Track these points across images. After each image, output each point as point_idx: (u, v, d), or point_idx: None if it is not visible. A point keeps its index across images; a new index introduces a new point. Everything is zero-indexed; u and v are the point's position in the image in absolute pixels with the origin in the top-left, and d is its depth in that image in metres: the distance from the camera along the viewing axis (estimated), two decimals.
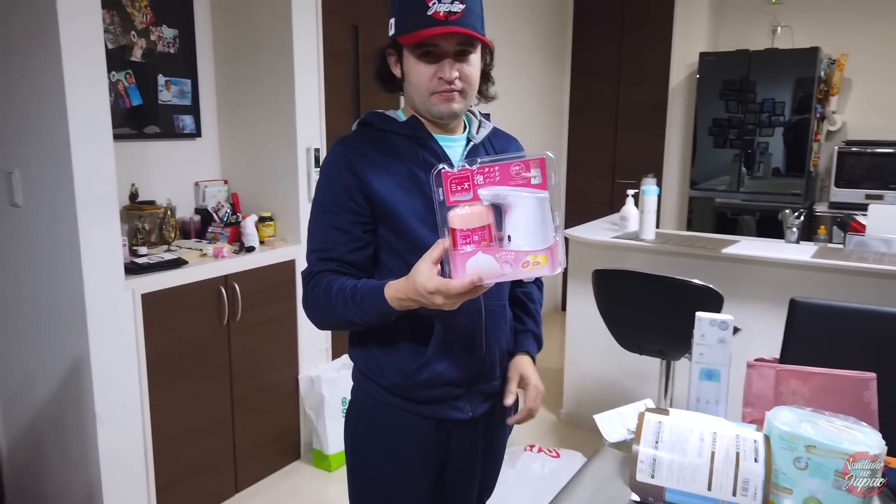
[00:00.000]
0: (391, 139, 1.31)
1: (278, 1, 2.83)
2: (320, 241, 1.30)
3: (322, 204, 1.30)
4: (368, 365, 1.37)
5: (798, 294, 1.73)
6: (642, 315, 2.46)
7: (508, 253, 1.07)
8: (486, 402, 1.42)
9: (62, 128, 2.08)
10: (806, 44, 4.43)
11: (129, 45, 2.67)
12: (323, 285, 1.26)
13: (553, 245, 1.08)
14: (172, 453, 2.52)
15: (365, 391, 1.39)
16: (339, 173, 1.27)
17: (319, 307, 1.28)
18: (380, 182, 1.26)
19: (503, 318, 1.41)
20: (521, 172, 1.06)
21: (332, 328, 1.35)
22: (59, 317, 2.25)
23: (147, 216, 2.71)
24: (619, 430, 1.53)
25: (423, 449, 1.37)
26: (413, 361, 1.31)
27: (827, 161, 4.55)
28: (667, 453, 1.21)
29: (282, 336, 2.94)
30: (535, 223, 1.07)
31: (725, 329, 1.47)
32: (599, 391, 3.44)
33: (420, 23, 1.20)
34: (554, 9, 5.00)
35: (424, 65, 1.25)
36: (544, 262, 1.07)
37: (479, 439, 1.45)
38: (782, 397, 1.47)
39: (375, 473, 1.39)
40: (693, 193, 4.60)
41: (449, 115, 1.29)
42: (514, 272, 1.07)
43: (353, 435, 1.41)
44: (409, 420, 1.35)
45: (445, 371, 1.32)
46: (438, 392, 1.34)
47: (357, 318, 1.23)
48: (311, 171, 2.97)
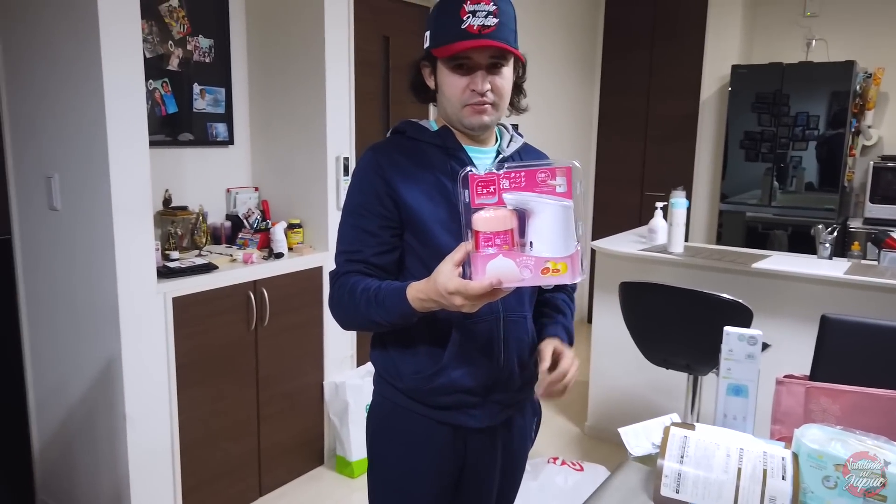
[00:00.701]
0: (422, 148, 1.35)
1: (312, 12, 2.88)
2: (348, 243, 1.32)
3: (353, 207, 1.33)
4: (387, 368, 1.39)
5: (830, 311, 1.70)
6: (669, 329, 2.44)
7: (529, 258, 1.07)
8: (505, 411, 1.42)
9: (101, 134, 2.14)
10: (841, 57, 4.37)
11: (166, 54, 2.74)
12: (349, 285, 1.29)
13: (574, 254, 1.08)
14: (199, 456, 2.55)
15: (384, 395, 1.41)
16: (370, 178, 1.31)
17: (344, 306, 1.30)
18: (407, 189, 1.29)
19: (524, 329, 1.41)
20: (547, 180, 1.06)
21: (356, 328, 1.36)
22: (93, 319, 2.31)
23: (180, 221, 2.77)
24: (644, 444, 1.51)
25: (438, 454, 1.38)
26: (429, 367, 1.33)
27: (862, 176, 4.47)
28: (692, 468, 1.20)
29: (308, 342, 2.97)
30: (557, 231, 1.07)
31: (754, 344, 1.45)
32: (624, 405, 3.40)
33: (454, 36, 1.24)
34: (584, 20, 5.00)
35: (458, 77, 1.28)
36: (564, 269, 1.07)
37: (497, 449, 1.45)
38: (812, 415, 1.44)
39: (392, 476, 1.41)
40: (723, 207, 4.55)
41: (480, 127, 1.32)
42: (534, 278, 1.07)
43: (372, 437, 1.44)
44: (425, 425, 1.37)
45: (461, 378, 1.33)
46: (453, 399, 1.35)
47: (379, 317, 1.25)
48: (341, 180, 3.00)
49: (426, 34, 1.31)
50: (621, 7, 5.06)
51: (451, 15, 1.25)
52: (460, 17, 1.23)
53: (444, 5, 1.28)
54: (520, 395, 1.44)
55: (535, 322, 1.45)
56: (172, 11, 2.74)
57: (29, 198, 2.44)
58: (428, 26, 1.31)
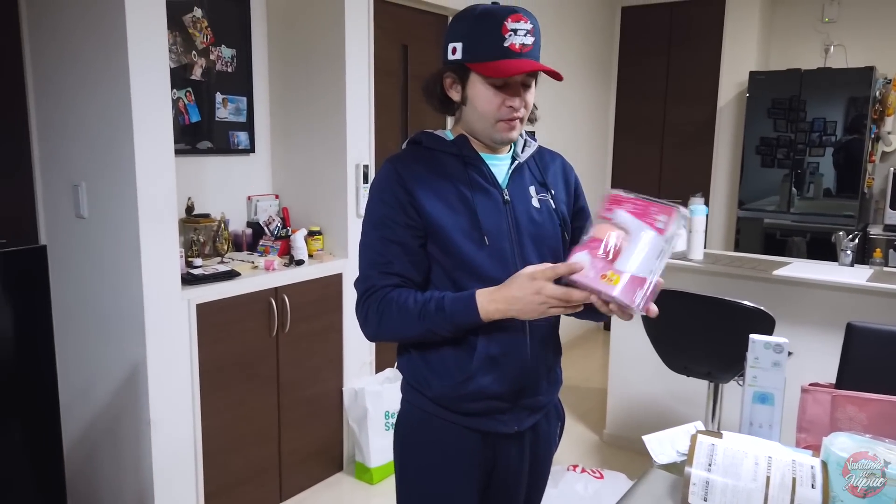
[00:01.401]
0: (439, 158, 1.36)
1: (333, 22, 2.91)
2: (379, 255, 1.31)
3: (377, 220, 1.32)
4: (416, 376, 1.39)
5: (852, 319, 1.70)
6: (690, 336, 2.43)
7: (601, 262, 1.14)
8: (532, 416, 1.44)
9: (128, 143, 2.17)
10: (860, 63, 4.35)
11: (189, 64, 2.78)
12: (395, 298, 1.28)
13: (639, 279, 1.12)
14: (221, 461, 2.58)
15: (413, 403, 1.41)
16: (392, 189, 1.31)
17: (391, 319, 1.28)
18: (428, 199, 1.30)
19: (550, 335, 1.43)
20: (655, 214, 1.16)
21: (396, 340, 1.36)
22: (118, 324, 2.34)
23: (202, 229, 2.80)
24: (669, 451, 1.51)
25: (469, 461, 1.39)
26: (458, 374, 1.33)
27: (882, 182, 4.44)
28: (720, 476, 1.20)
29: (328, 348, 2.99)
30: (640, 256, 1.14)
31: (780, 352, 1.45)
32: (643, 413, 3.39)
33: (498, 53, 1.25)
34: (601, 26, 5.01)
35: (494, 92, 1.28)
36: (617, 280, 1.12)
37: (525, 453, 1.46)
38: (838, 423, 1.44)
39: (423, 484, 1.41)
40: (741, 213, 4.53)
41: (509, 141, 1.35)
42: (594, 279, 1.13)
43: (401, 446, 1.44)
44: (455, 432, 1.37)
45: (489, 385, 1.34)
46: (483, 405, 1.36)
47: (439, 328, 1.26)
48: (360, 187, 3.03)
49: (454, 45, 1.30)
50: (638, 13, 5.07)
51: (492, 31, 1.25)
52: (502, 35, 1.24)
53: (482, 20, 1.26)
54: (546, 399, 1.45)
55: None
56: (196, 22, 2.78)
57: (56, 206, 2.48)
58: (457, 37, 1.30)
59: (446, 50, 1.32)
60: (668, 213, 1.15)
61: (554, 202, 1.43)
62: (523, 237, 1.36)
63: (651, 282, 1.12)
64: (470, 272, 1.31)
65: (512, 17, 1.25)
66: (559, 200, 1.44)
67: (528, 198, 1.40)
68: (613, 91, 5.25)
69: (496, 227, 1.33)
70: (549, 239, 1.41)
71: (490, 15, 1.26)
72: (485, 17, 1.27)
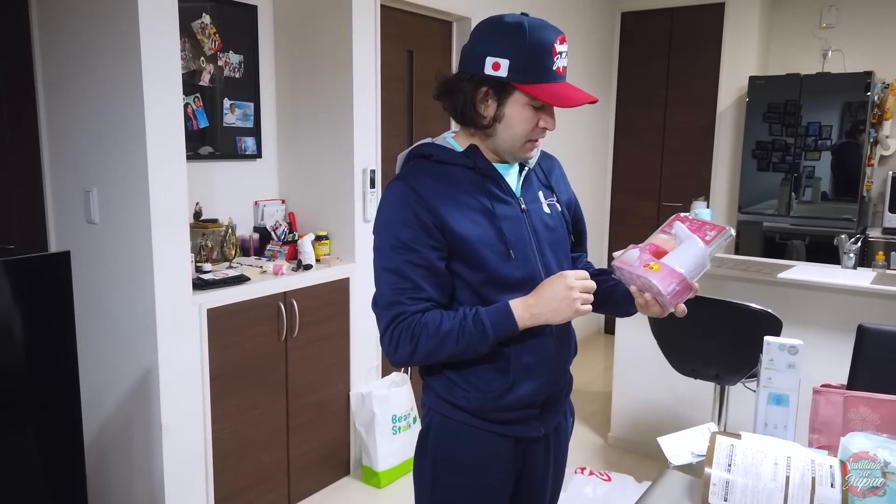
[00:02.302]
0: (451, 171, 1.32)
1: (340, 28, 2.93)
2: (406, 280, 1.27)
3: (399, 244, 1.26)
4: (452, 392, 1.37)
5: (858, 321, 1.72)
6: (698, 339, 2.45)
7: (647, 255, 1.31)
8: (556, 418, 1.48)
9: (140, 149, 2.19)
10: (857, 68, 4.39)
11: (198, 70, 2.79)
12: (429, 322, 1.27)
13: (676, 272, 1.26)
14: (231, 465, 2.58)
15: (446, 414, 1.39)
16: (412, 210, 1.26)
17: (426, 345, 1.26)
18: (452, 216, 1.27)
19: (569, 336, 1.47)
20: (707, 230, 1.31)
21: (428, 363, 1.34)
22: (130, 329, 2.35)
23: (210, 234, 2.81)
24: (684, 453, 1.53)
25: (502, 466, 1.40)
26: (496, 386, 1.34)
27: (880, 186, 4.48)
28: (740, 477, 1.22)
29: (335, 353, 3.00)
30: (682, 257, 1.29)
31: (795, 354, 1.47)
32: (648, 416, 3.41)
33: (548, 77, 1.26)
34: (601, 32, 5.04)
35: (532, 113, 1.29)
36: (657, 269, 1.27)
37: (550, 454, 1.49)
38: (851, 424, 1.45)
39: (456, 491, 1.40)
40: (741, 217, 4.56)
41: (529, 158, 1.38)
42: (637, 267, 1.29)
43: (433, 457, 1.41)
44: (489, 439, 1.38)
45: (526, 394, 1.36)
46: (519, 414, 1.38)
47: (480, 344, 1.27)
48: (367, 192, 3.04)
49: (497, 61, 1.24)
50: (638, 19, 5.10)
51: (543, 54, 1.24)
52: (552, 58, 1.25)
53: (535, 41, 1.24)
54: (566, 400, 1.51)
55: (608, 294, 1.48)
56: (204, 28, 2.79)
57: (66, 211, 2.49)
58: (500, 53, 1.24)
59: (481, 62, 1.26)
60: (718, 230, 1.30)
61: (559, 205, 1.46)
62: (543, 245, 1.38)
63: (686, 278, 1.26)
64: (498, 286, 1.31)
65: (560, 39, 1.26)
66: (562, 202, 1.47)
67: (540, 204, 1.41)
68: (614, 96, 5.28)
69: (519, 237, 1.34)
70: (563, 242, 1.44)
71: (543, 36, 1.24)
72: (537, 38, 1.24)
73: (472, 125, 1.33)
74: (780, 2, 4.87)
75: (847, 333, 1.77)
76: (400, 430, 3.05)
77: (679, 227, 1.34)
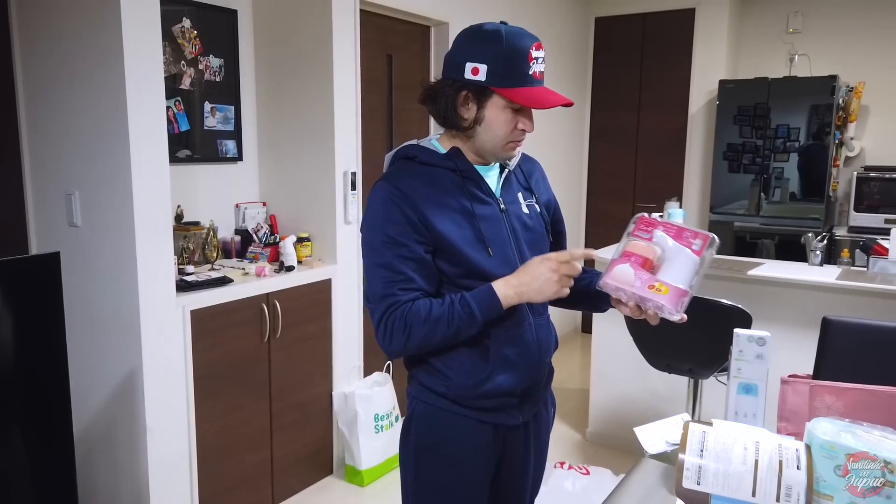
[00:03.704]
0: (433, 172, 1.39)
1: (320, 32, 2.97)
2: (397, 273, 1.33)
3: (388, 240, 1.33)
4: (434, 381, 1.43)
5: (824, 314, 1.80)
6: (672, 335, 2.53)
7: (645, 275, 1.31)
8: (535, 406, 1.54)
9: (124, 152, 2.20)
10: (823, 72, 4.53)
11: (179, 73, 2.81)
12: (420, 309, 1.32)
13: (682, 290, 1.29)
14: (215, 466, 2.60)
15: (428, 402, 1.45)
16: (398, 208, 1.33)
17: (419, 331, 1.32)
18: (435, 216, 1.34)
19: (548, 329, 1.53)
20: (690, 238, 1.33)
21: (420, 350, 1.38)
22: (114, 331, 2.36)
23: (191, 236, 2.82)
24: (659, 442, 1.59)
25: (482, 452, 1.46)
26: (476, 374, 1.40)
27: (846, 186, 4.62)
28: (712, 462, 1.28)
29: (318, 353, 3.03)
30: (680, 272, 1.32)
31: (763, 345, 1.54)
32: (625, 411, 3.49)
33: (524, 80, 1.32)
34: (576, 37, 5.13)
35: (511, 116, 1.35)
36: (665, 291, 1.30)
37: (530, 441, 1.55)
38: (817, 412, 1.53)
39: (439, 476, 1.46)
40: (713, 217, 4.68)
41: (511, 158, 1.44)
42: (641, 288, 1.30)
43: (415, 444, 1.47)
44: (469, 425, 1.44)
45: (505, 382, 1.42)
46: (498, 402, 1.44)
47: (469, 325, 1.33)
48: (349, 194, 3.08)
49: (476, 66, 1.31)
50: (611, 24, 5.20)
51: (520, 59, 1.31)
52: (528, 63, 1.31)
53: (511, 47, 1.30)
54: (545, 390, 1.56)
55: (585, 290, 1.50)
56: (185, 32, 2.81)
57: (47, 215, 2.49)
58: (479, 59, 1.31)
59: (461, 67, 1.33)
60: (704, 238, 1.33)
61: (538, 206, 1.53)
62: (521, 243, 1.45)
63: (690, 293, 1.30)
64: (480, 277, 1.37)
65: (535, 46, 1.33)
66: (542, 204, 1.54)
67: (519, 205, 1.48)
68: (589, 99, 5.37)
69: (498, 237, 1.41)
70: (541, 241, 1.51)
71: (519, 43, 1.31)
72: (514, 44, 1.31)
73: (454, 127, 1.40)
74: (748, 8, 5.00)
75: (813, 327, 1.85)
76: (382, 428, 3.08)
77: (660, 235, 1.34)
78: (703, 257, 1.31)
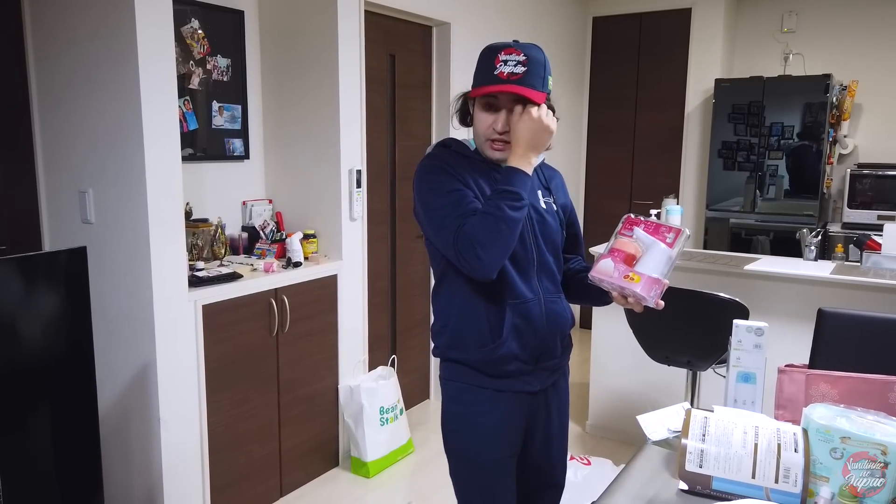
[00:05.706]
0: (464, 161, 1.59)
1: (325, 32, 3.02)
2: (461, 203, 1.48)
3: (448, 188, 1.51)
4: (453, 342, 1.60)
5: (819, 307, 1.87)
6: (672, 328, 2.60)
7: (623, 267, 1.46)
8: (552, 376, 1.69)
9: (138, 151, 2.25)
10: (817, 71, 4.61)
11: (188, 73, 2.86)
12: (474, 219, 1.45)
13: (654, 279, 1.43)
14: (226, 458, 2.66)
15: (453, 378, 1.64)
16: (444, 168, 1.53)
17: (484, 233, 1.43)
18: (466, 182, 1.54)
19: (561, 306, 1.66)
20: (665, 232, 1.47)
21: (492, 244, 1.46)
22: (128, 326, 2.41)
23: (200, 233, 2.88)
24: (661, 429, 1.66)
25: (504, 421, 1.62)
26: (491, 339, 1.57)
27: (839, 183, 4.71)
28: (713, 446, 1.34)
29: (324, 347, 3.09)
30: (654, 263, 1.46)
31: (761, 335, 1.61)
32: (624, 403, 3.56)
33: (487, 80, 1.49)
34: (573, 36, 5.19)
35: (486, 115, 1.53)
36: (637, 280, 1.44)
37: (551, 408, 1.71)
38: (812, 399, 1.59)
39: (474, 446, 1.62)
40: (709, 214, 4.75)
41: (496, 161, 1.57)
42: (618, 279, 1.45)
43: (445, 418, 1.67)
44: (490, 395, 1.61)
45: (516, 348, 1.58)
46: (513, 366, 1.59)
47: (514, 202, 1.44)
48: (353, 192, 3.14)
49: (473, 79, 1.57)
50: (608, 24, 5.27)
51: (489, 62, 1.49)
52: (494, 65, 1.48)
53: (484, 55, 1.51)
54: (562, 360, 1.71)
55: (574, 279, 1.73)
56: (193, 33, 2.86)
57: (60, 211, 2.54)
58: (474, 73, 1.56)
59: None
60: (676, 232, 1.46)
61: (555, 205, 1.70)
62: (536, 230, 1.61)
63: (662, 281, 1.43)
64: None
65: (505, 51, 1.48)
66: (559, 205, 1.71)
67: (538, 199, 1.65)
68: (586, 98, 5.44)
69: None
70: (555, 234, 1.67)
71: (490, 50, 1.51)
72: (486, 52, 1.51)
73: (466, 127, 1.65)
74: (743, 8, 5.08)
75: (808, 320, 1.92)
76: (387, 421, 3.15)
77: (639, 232, 1.50)
78: (675, 248, 1.46)
